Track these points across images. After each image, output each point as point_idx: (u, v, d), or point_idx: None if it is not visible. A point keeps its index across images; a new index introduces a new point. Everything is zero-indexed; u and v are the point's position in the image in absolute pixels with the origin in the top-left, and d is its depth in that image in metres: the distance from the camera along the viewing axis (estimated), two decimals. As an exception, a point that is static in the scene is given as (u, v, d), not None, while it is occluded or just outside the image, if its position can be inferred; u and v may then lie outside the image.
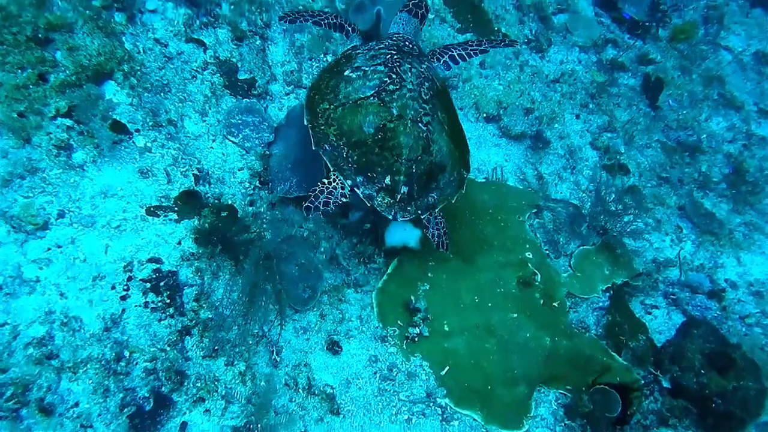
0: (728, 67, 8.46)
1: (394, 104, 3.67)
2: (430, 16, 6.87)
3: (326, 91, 3.84)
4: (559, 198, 6.02)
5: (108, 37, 4.34)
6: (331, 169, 3.68)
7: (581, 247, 5.41)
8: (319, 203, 3.62)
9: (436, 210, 3.96)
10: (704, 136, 7.36)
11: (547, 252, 5.33)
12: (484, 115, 6.35)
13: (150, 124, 4.30)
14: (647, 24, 7.68)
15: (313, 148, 3.74)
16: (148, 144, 4.20)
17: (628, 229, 5.43)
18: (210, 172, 4.48)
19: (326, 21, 4.50)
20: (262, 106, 5.00)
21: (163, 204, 4.07)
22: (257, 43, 5.29)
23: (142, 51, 4.56)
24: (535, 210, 5.56)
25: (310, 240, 4.58)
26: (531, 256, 5.07)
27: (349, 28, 4.56)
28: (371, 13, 5.51)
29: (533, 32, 7.22)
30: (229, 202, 4.41)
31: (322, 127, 3.73)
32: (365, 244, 4.85)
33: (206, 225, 3.94)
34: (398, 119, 3.63)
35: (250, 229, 4.21)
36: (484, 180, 5.80)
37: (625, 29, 8.16)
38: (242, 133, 4.74)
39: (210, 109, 4.74)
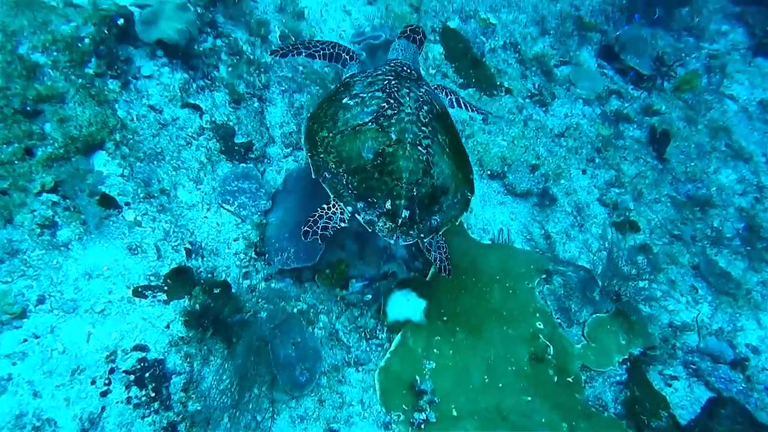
0: (734, 117, 8.33)
1: (393, 129, 3.61)
2: (431, 71, 6.78)
3: (325, 120, 3.79)
4: (568, 259, 5.77)
5: (100, 106, 4.18)
6: (332, 196, 3.61)
7: (594, 315, 5.12)
8: (318, 228, 3.54)
9: (439, 233, 3.82)
10: (714, 189, 7.16)
11: (559, 321, 5.05)
12: (489, 172, 6.16)
13: (141, 195, 4.09)
14: (653, 76, 7.55)
15: (313, 176, 3.67)
16: (138, 218, 3.99)
17: (643, 296, 5.15)
18: (203, 245, 4.25)
19: (322, 52, 4.43)
20: (259, 170, 4.82)
21: (152, 283, 3.82)
22: (255, 105, 5.14)
23: (135, 118, 4.39)
24: (544, 275, 5.29)
25: (308, 315, 4.32)
26: (542, 327, 4.79)
27: (347, 57, 4.49)
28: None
29: (536, 86, 7.10)
30: (223, 277, 4.17)
31: (322, 155, 3.65)
32: (366, 316, 4.58)
33: (197, 306, 3.69)
34: (397, 143, 3.56)
35: (245, 307, 3.95)
36: (490, 242, 5.56)
37: (629, 80, 8.06)
38: (238, 201, 4.53)
39: (205, 176, 4.54)
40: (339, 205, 3.60)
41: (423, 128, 3.70)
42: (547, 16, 7.93)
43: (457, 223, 3.93)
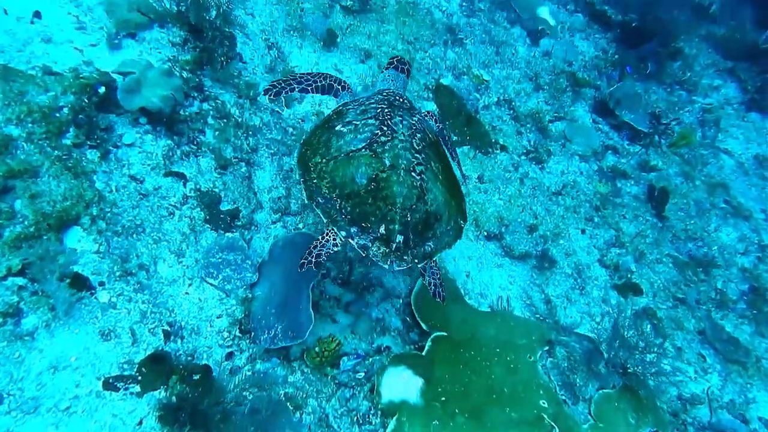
0: (731, 172, 8.24)
1: (386, 155, 3.58)
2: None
3: (318, 146, 3.76)
4: (570, 326, 5.50)
5: (77, 178, 3.96)
6: (325, 221, 3.57)
7: (601, 391, 4.83)
8: (312, 258, 3.56)
9: (433, 259, 3.76)
10: (715, 248, 6.98)
11: (564, 398, 4.74)
12: (485, 233, 5.94)
13: (117, 273, 3.82)
14: (650, 133, 7.47)
15: (306, 201, 3.67)
16: (113, 299, 3.71)
17: (652, 370, 4.87)
18: (183, 324, 3.96)
19: (315, 85, 4.43)
20: (245, 239, 4.58)
21: (125, 372, 3.51)
22: (242, 170, 4.94)
23: (114, 189, 4.16)
24: (546, 346, 5.01)
25: (295, 399, 4.00)
26: (546, 406, 4.48)
27: (339, 87, 4.51)
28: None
29: (532, 143, 6.98)
30: (204, 359, 3.87)
31: (315, 181, 3.62)
32: (359, 398, 4.27)
33: (174, 397, 3.37)
34: (391, 169, 3.53)
35: (226, 394, 3.63)
36: (489, 309, 5.29)
37: (624, 136, 7.98)
38: (222, 274, 4.27)
39: (188, 248, 4.29)
40: (332, 231, 3.58)
41: (417, 155, 3.66)
42: (540, 72, 7.90)
43: (451, 249, 3.84)
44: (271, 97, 4.35)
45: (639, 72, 9.16)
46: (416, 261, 3.57)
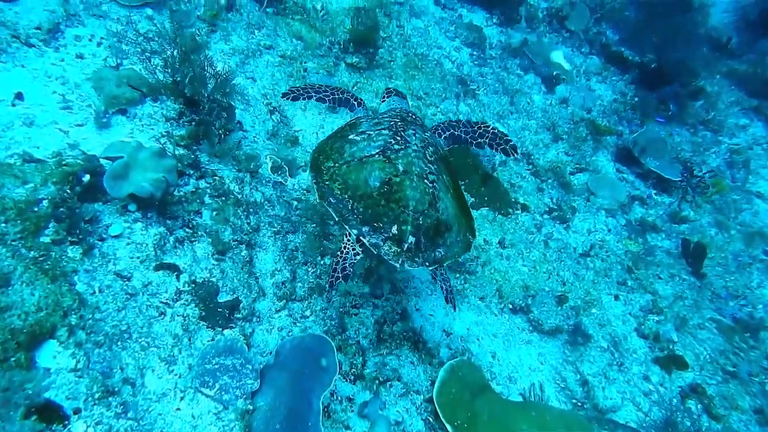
0: (766, 217, 7.61)
1: (400, 161, 3.65)
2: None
3: (331, 152, 3.83)
4: (610, 408, 4.87)
5: (54, 282, 3.49)
6: (337, 219, 3.59)
7: (655, 498, 4.17)
8: (338, 274, 3.58)
9: (443, 266, 3.75)
10: (760, 306, 6.31)
11: None
12: (510, 305, 5.37)
13: (97, 395, 3.31)
14: (683, 186, 6.90)
15: (317, 201, 3.71)
16: (90, 430, 3.17)
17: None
18: (173, 449, 3.41)
19: (332, 96, 4.63)
20: (246, 334, 4.09)
21: None
22: (242, 253, 4.46)
23: (97, 291, 3.68)
24: (588, 445, 4.38)
25: None
26: None
27: (355, 102, 4.66)
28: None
29: (554, 200, 6.45)
30: (197, 492, 3.29)
31: (327, 182, 3.67)
32: None
33: None
34: (404, 174, 3.60)
35: None
36: (519, 397, 4.69)
37: (651, 185, 7.43)
38: (219, 382, 3.74)
39: (180, 352, 3.78)
40: (350, 242, 3.63)
41: (429, 165, 3.74)
42: (558, 120, 7.43)
43: (460, 259, 4.02)
44: (288, 99, 4.54)
45: (661, 114, 8.67)
46: (427, 264, 3.54)
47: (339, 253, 3.67)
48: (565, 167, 6.96)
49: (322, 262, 4.74)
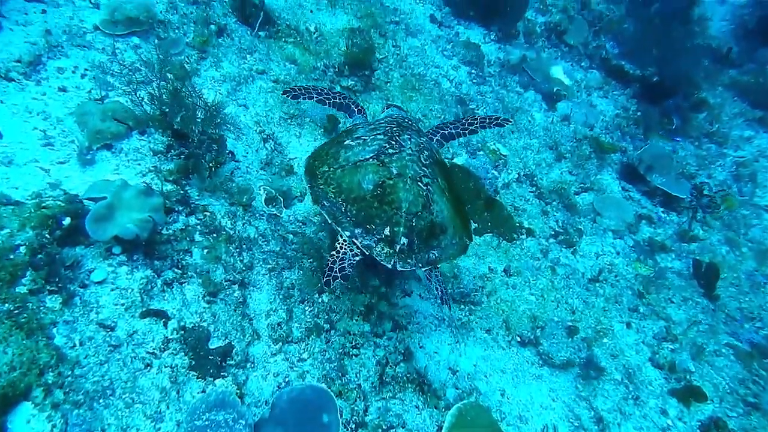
0: (778, 233, 7.34)
1: (394, 165, 3.66)
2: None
3: (326, 157, 3.86)
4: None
5: (30, 337, 3.23)
6: (330, 221, 3.62)
7: None
8: (336, 272, 3.53)
9: (437, 267, 3.75)
10: (778, 328, 6.03)
11: None
12: (518, 337, 5.09)
13: (75, 463, 3.02)
14: (691, 206, 6.65)
15: (312, 204, 3.76)
16: (66, 505, 2.90)
17: None
18: None
19: (332, 100, 4.67)
20: (239, 383, 3.81)
21: None
22: (235, 294, 4.19)
23: (78, 344, 3.42)
24: (607, 492, 4.08)
25: None
26: None
27: (355, 108, 4.67)
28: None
29: (560, 223, 6.20)
30: None
31: (321, 186, 3.70)
32: None
33: None
34: (398, 177, 3.61)
35: None
36: (531, 440, 4.40)
37: (658, 202, 7.17)
38: (210, 439, 3.45)
39: (168, 408, 3.50)
40: (345, 242, 3.60)
41: (424, 168, 3.75)
42: (560, 139, 7.20)
43: (455, 261, 3.96)
44: (288, 97, 4.61)
45: (664, 128, 8.44)
46: (420, 265, 3.55)
47: (334, 252, 3.62)
48: (570, 187, 6.72)
49: (319, 300, 4.47)
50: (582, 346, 5.07)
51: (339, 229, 3.57)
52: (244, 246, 4.48)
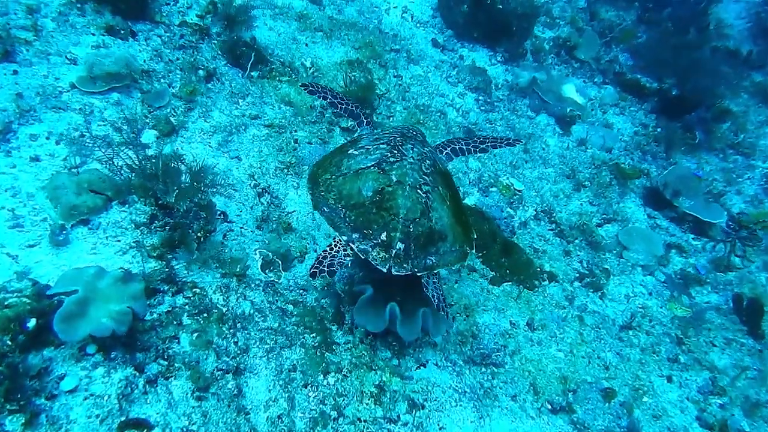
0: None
1: (394, 173, 3.69)
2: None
3: (329, 166, 3.90)
4: None
5: (-14, 475, 2.71)
6: (329, 226, 3.68)
7: None
8: (324, 267, 3.52)
9: (434, 273, 3.71)
10: (835, 369, 5.35)
11: None
12: (548, 404, 4.50)
13: None
14: (729, 239, 6.01)
15: (312, 209, 3.89)
16: None
17: None
18: None
19: (345, 106, 4.63)
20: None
21: None
22: (229, 385, 3.68)
23: (44, 475, 2.90)
24: None
25: None
26: None
27: (364, 119, 4.63)
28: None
29: (585, 264, 5.60)
30: None
31: (322, 193, 3.76)
32: None
33: None
34: (397, 184, 3.63)
35: None
36: None
37: (688, 228, 6.54)
38: None
39: None
40: (340, 242, 3.60)
41: (424, 176, 3.75)
42: (577, 166, 6.61)
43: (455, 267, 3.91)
44: (305, 90, 4.64)
45: (687, 143, 7.80)
46: (416, 270, 3.55)
47: (328, 248, 3.62)
48: (591, 219, 6.12)
49: (325, 383, 3.93)
50: (621, 412, 4.47)
51: (337, 234, 3.59)
52: (238, 325, 3.97)
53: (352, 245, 3.54)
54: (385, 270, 3.48)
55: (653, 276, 5.85)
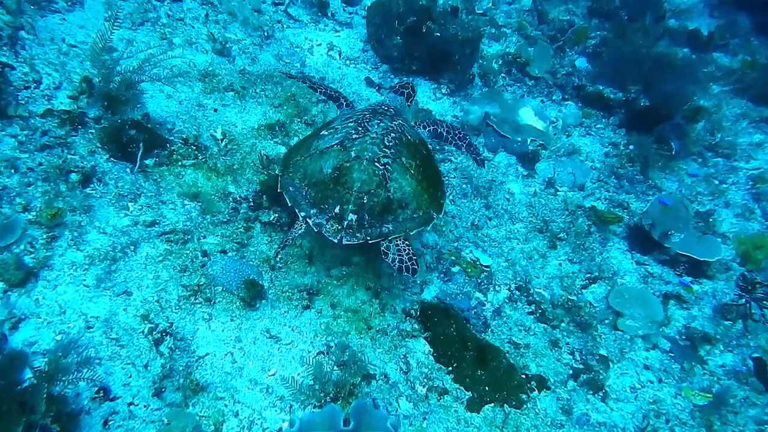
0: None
1: (354, 149, 3.68)
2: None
3: (300, 148, 3.97)
4: None
5: None
6: (289, 204, 3.73)
7: None
8: (280, 248, 3.76)
9: (398, 238, 3.67)
10: None
11: None
12: None
13: None
14: (742, 304, 4.80)
15: (279, 191, 3.83)
16: None
17: None
18: None
19: (324, 90, 4.67)
20: None
21: None
22: None
23: None
24: None
25: None
26: None
27: (344, 102, 4.61)
28: None
29: (577, 355, 4.35)
30: None
31: (290, 174, 3.81)
32: None
33: None
34: (355, 159, 3.62)
35: None
36: None
37: (683, 271, 5.33)
38: None
39: None
40: (302, 224, 3.66)
41: (384, 149, 3.71)
42: (549, 215, 5.35)
43: (412, 234, 3.78)
44: (285, 76, 5.07)
45: (662, 156, 6.56)
46: (368, 238, 3.57)
47: (292, 230, 3.67)
48: (574, 280, 4.87)
49: None
50: None
51: (297, 210, 3.65)
52: None
53: (309, 221, 3.58)
54: (336, 241, 3.51)
55: (657, 348, 4.63)
